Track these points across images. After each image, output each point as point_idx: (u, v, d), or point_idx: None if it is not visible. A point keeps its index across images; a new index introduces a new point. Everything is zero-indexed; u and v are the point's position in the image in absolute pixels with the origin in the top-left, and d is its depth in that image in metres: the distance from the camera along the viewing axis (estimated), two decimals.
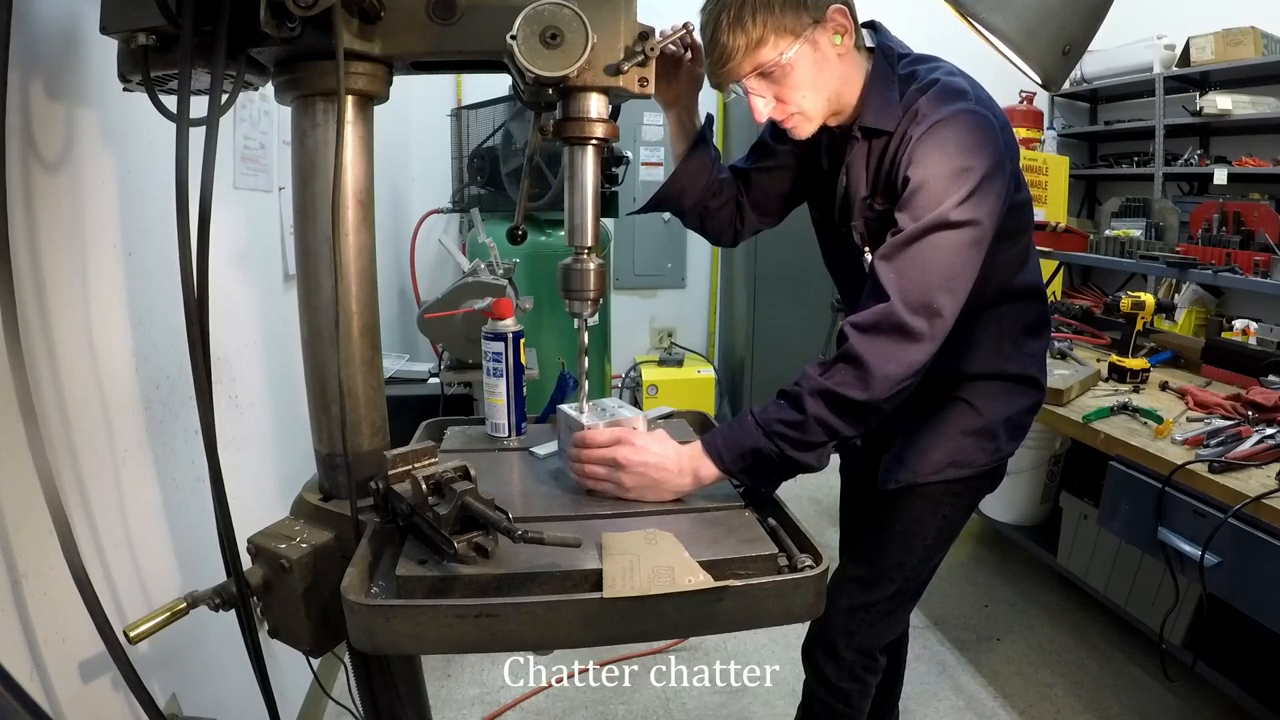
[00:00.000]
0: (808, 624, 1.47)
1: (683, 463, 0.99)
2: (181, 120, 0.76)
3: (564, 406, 1.06)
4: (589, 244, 0.93)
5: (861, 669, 1.38)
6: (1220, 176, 3.63)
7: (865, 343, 1.01)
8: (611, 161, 2.59)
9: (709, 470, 0.99)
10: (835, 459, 1.50)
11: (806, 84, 1.09)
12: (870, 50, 1.18)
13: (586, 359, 1.03)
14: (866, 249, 1.20)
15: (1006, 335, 1.28)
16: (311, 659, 0.96)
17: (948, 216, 1.02)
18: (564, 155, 0.91)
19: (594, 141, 0.89)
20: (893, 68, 1.15)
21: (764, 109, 1.11)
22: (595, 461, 0.97)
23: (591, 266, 0.94)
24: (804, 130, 1.14)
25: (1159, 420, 1.67)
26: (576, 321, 0.98)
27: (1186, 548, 1.49)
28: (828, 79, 1.10)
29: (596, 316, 0.97)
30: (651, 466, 0.96)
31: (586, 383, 1.05)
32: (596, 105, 0.87)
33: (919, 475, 1.28)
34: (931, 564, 1.37)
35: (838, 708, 1.40)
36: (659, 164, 4.06)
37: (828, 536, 2.86)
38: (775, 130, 1.33)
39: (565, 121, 0.88)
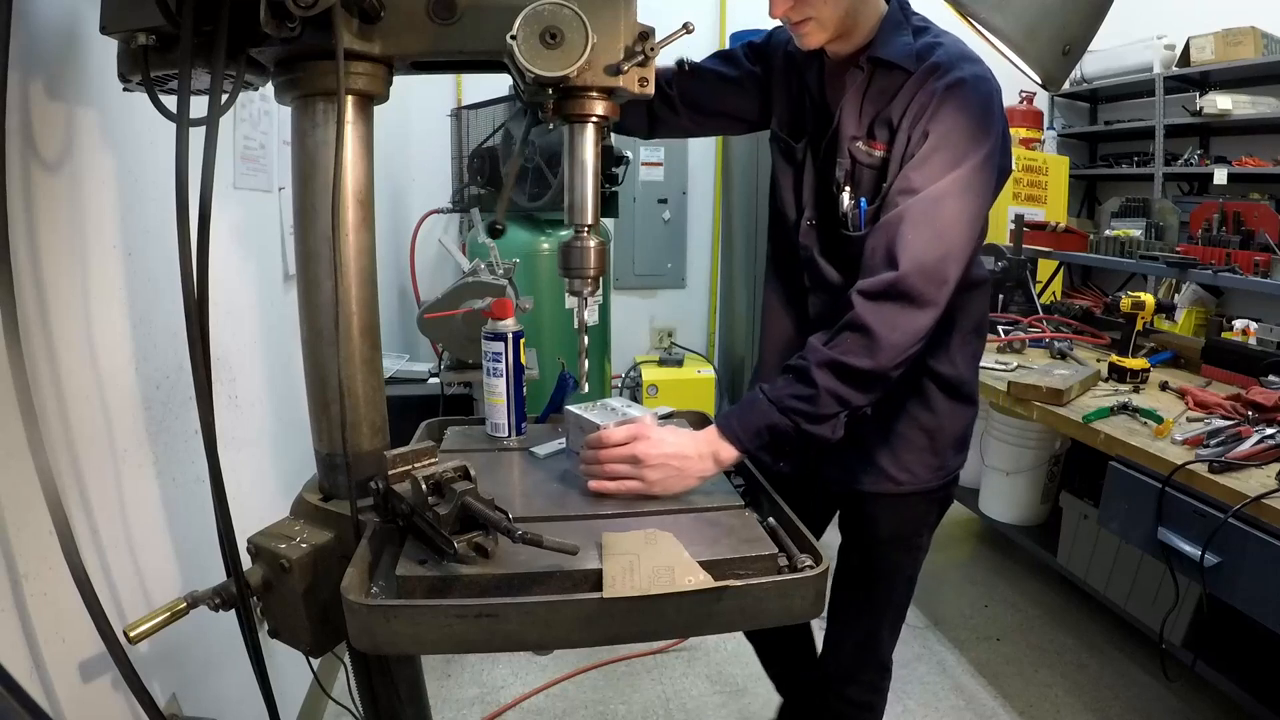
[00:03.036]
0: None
1: (701, 448, 1.00)
2: (181, 120, 0.76)
3: (572, 408, 1.05)
4: (589, 222, 0.93)
5: (881, 678, 1.43)
6: (1220, 176, 3.63)
7: (872, 310, 1.01)
8: (611, 161, 2.58)
9: (729, 452, 1.00)
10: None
11: None
12: None
13: (586, 355, 1.03)
14: (847, 189, 1.15)
15: (960, 331, 1.24)
16: (311, 659, 0.96)
17: (963, 180, 1.02)
18: (564, 134, 0.91)
19: (594, 119, 0.89)
20: (907, 18, 1.14)
21: (782, 6, 1.07)
22: (615, 460, 0.97)
23: (592, 244, 0.93)
24: (814, 39, 1.11)
25: (1159, 420, 1.66)
26: (575, 303, 0.98)
27: (1186, 548, 1.48)
28: None
29: (597, 315, 0.97)
30: (672, 456, 0.97)
31: (587, 362, 1.04)
32: None
33: (889, 486, 1.27)
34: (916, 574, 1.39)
35: None
36: (659, 164, 4.06)
37: (827, 536, 2.86)
38: (751, 51, 1.30)
39: (565, 99, 0.88)
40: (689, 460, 0.98)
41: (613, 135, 1.95)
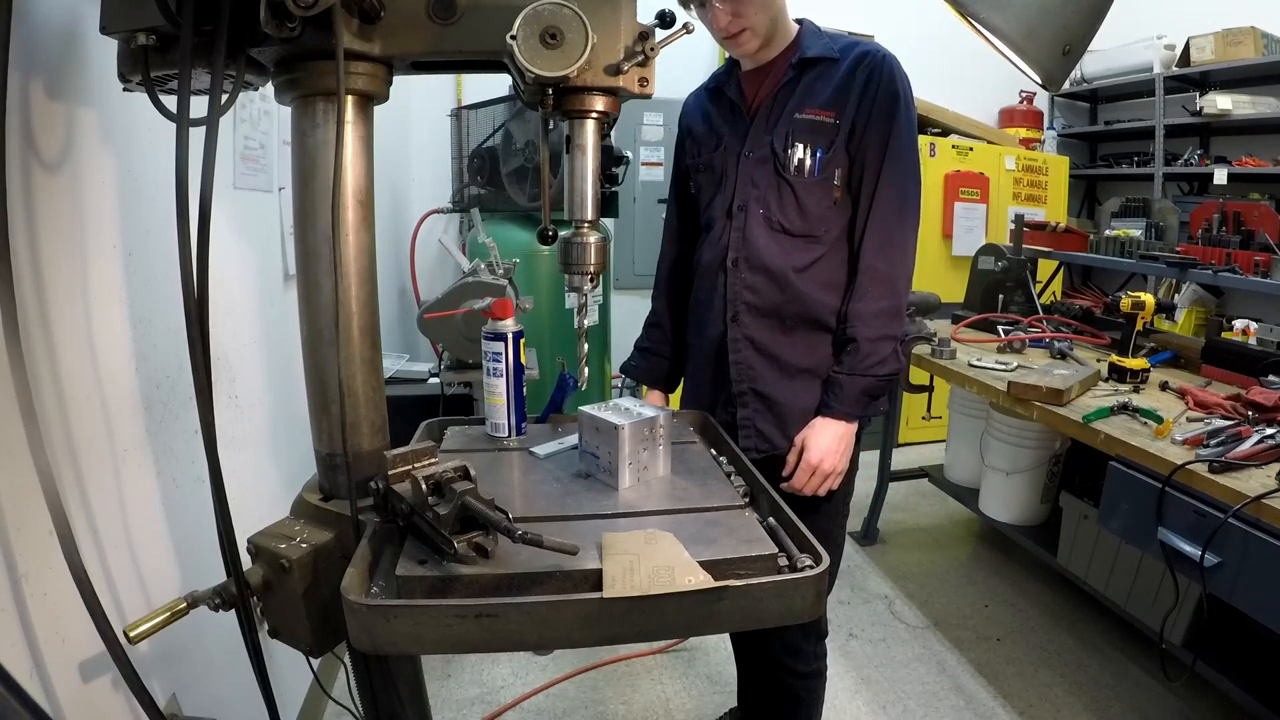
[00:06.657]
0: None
1: (845, 439, 1.36)
2: (181, 120, 0.76)
3: (586, 408, 1.04)
4: (589, 218, 0.93)
5: (820, 646, 1.58)
6: (1220, 176, 3.64)
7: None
8: (611, 161, 2.58)
9: (851, 429, 1.37)
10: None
11: (760, 3, 1.30)
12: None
13: (584, 336, 1.05)
14: (799, 145, 1.35)
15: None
16: (311, 659, 0.96)
17: (914, 141, 1.37)
18: (564, 130, 0.91)
19: (594, 115, 0.89)
20: (819, 30, 1.40)
21: (724, 19, 1.30)
22: (824, 479, 1.34)
23: (591, 240, 0.94)
24: (750, 46, 1.34)
25: (1159, 420, 1.66)
26: (576, 300, 0.98)
27: (1186, 548, 1.48)
28: (775, 3, 1.34)
29: (597, 314, 0.98)
30: (841, 457, 1.35)
31: (587, 348, 1.07)
32: None
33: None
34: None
35: (818, 688, 1.61)
36: (659, 164, 4.06)
37: None
38: (679, 146, 1.56)
39: (566, 94, 0.88)
40: (844, 454, 1.36)
41: (612, 135, 1.96)
